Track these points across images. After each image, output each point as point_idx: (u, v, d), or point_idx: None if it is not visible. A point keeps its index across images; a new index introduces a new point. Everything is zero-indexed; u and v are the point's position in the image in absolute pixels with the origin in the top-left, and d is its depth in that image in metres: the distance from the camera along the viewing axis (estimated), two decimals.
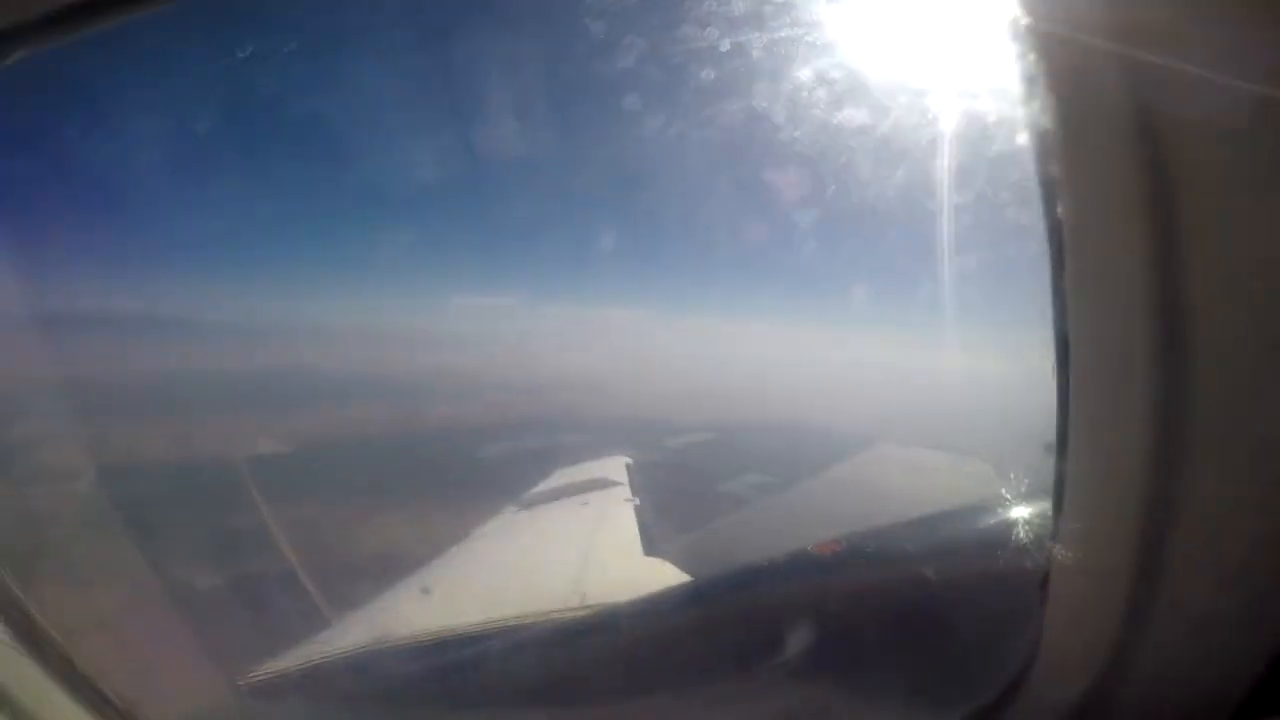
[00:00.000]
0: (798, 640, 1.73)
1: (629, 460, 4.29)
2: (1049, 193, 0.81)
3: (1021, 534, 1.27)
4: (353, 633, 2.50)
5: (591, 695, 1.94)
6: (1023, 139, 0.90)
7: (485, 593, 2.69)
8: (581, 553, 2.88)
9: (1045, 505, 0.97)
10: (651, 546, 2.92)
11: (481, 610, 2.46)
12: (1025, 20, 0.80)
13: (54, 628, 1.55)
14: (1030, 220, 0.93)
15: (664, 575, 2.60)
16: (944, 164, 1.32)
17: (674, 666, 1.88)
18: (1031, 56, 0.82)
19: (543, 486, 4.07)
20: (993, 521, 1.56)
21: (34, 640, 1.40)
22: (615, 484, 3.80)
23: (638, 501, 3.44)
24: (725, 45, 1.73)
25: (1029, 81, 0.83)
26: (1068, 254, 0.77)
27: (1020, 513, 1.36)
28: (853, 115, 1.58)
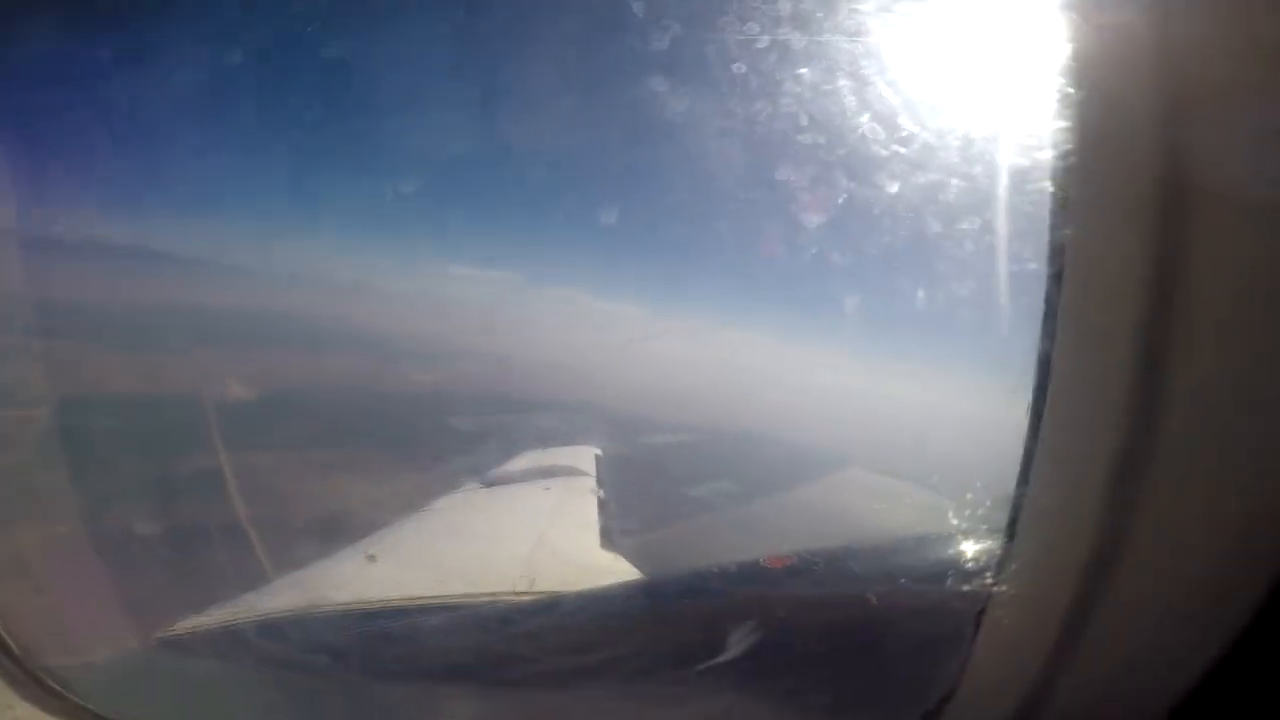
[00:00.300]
0: (733, 649, 1.76)
1: (598, 451, 4.23)
2: (1056, 215, 0.78)
3: (972, 563, 1.26)
4: (289, 593, 2.43)
5: (524, 681, 1.92)
6: (1031, 160, 0.87)
7: (431, 567, 2.64)
8: (536, 538, 2.84)
9: (1001, 536, 0.96)
10: (609, 540, 2.90)
11: (425, 584, 2.42)
12: (1044, 44, 0.77)
13: None
14: (1031, 246, 0.90)
15: (616, 570, 2.58)
16: (954, 183, 1.28)
17: (610, 662, 1.87)
18: (1053, 77, 0.79)
19: (507, 467, 4.01)
20: (949, 549, 1.56)
21: None
22: (581, 473, 3.75)
23: (602, 494, 3.41)
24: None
25: (1050, 104, 0.80)
26: (1065, 279, 0.74)
27: (976, 541, 1.35)
28: (857, 129, 1.54)
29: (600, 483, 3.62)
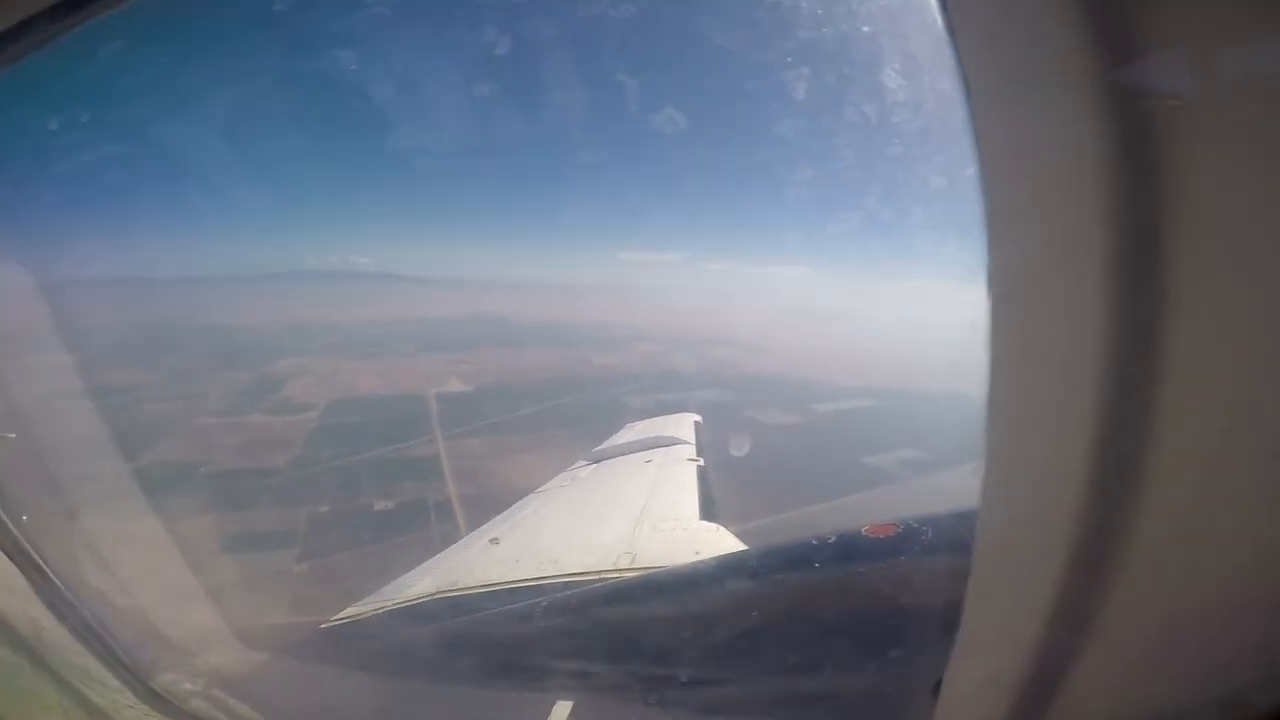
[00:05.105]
0: (829, 622, 1.63)
1: (698, 418, 4.07)
2: None
3: None
4: (424, 581, 2.65)
5: (626, 657, 1.90)
6: None
7: (545, 548, 2.72)
8: (638, 514, 2.80)
9: None
10: (709, 510, 2.78)
11: (538, 566, 2.50)
12: None
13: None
14: None
15: (717, 542, 2.46)
16: None
17: (707, 635, 1.80)
18: None
19: (611, 441, 4.01)
20: None
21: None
22: (681, 442, 3.62)
23: (701, 462, 3.27)
24: None
25: None
26: None
27: None
28: None
29: (700, 450, 3.47)
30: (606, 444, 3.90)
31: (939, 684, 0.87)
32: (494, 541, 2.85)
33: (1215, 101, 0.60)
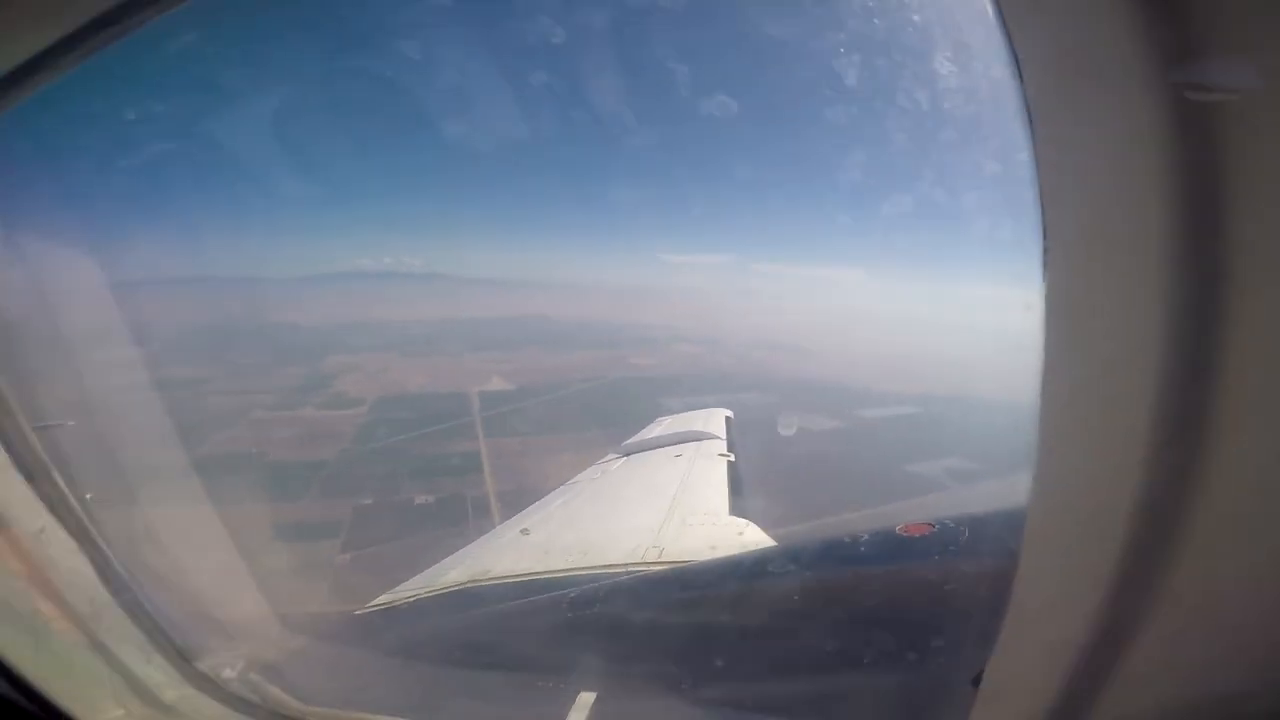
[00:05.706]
0: (859, 619, 1.59)
1: (729, 414, 4.00)
2: None
3: None
4: (459, 568, 2.69)
5: (651, 649, 1.89)
6: None
7: (575, 539, 2.73)
8: (667, 507, 2.77)
9: None
10: (739, 506, 2.73)
11: (568, 557, 2.50)
12: None
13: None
14: None
15: (746, 538, 2.42)
16: None
17: (731, 629, 1.75)
18: None
19: (643, 434, 3.98)
20: None
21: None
22: (712, 437, 3.56)
23: (732, 457, 3.21)
24: None
25: None
26: None
27: None
28: None
29: (731, 446, 3.40)
30: (637, 437, 3.89)
31: (979, 677, 0.84)
32: (525, 532, 2.87)
33: (1273, 87, 0.55)
